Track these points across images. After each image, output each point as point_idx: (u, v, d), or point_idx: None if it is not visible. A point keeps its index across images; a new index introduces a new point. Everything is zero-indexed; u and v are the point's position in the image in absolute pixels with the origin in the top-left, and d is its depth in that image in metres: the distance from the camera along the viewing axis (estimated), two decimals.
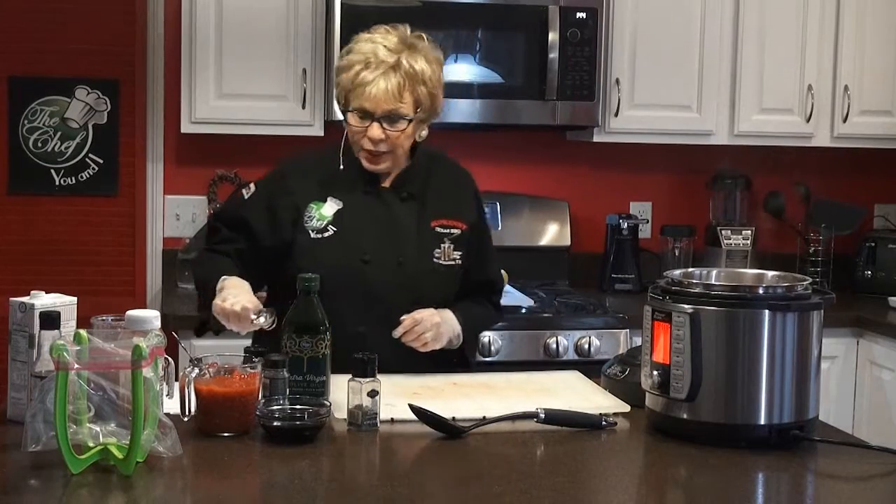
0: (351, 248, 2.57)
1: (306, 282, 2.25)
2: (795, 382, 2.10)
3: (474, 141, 4.27)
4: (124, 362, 1.86)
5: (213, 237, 2.68)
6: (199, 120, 3.83)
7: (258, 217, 2.61)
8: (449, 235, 2.66)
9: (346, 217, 2.60)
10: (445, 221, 2.67)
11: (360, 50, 2.58)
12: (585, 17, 3.87)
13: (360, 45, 2.59)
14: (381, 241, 2.60)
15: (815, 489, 2.02)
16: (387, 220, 2.63)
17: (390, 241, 2.61)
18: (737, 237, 4.22)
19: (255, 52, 3.81)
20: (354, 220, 2.60)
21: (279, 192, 2.63)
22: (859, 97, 4.17)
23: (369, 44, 2.58)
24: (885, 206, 4.58)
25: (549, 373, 2.67)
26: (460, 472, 1.99)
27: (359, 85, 2.54)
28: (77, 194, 4.09)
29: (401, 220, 2.63)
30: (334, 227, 2.59)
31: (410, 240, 2.62)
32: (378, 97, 2.52)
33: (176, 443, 1.91)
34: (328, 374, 2.24)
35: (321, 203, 2.61)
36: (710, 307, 2.09)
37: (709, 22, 4.05)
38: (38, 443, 1.87)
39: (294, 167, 2.70)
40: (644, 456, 2.15)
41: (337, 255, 2.56)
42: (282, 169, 2.71)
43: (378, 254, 2.58)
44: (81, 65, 4.05)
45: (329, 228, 2.59)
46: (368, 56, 2.55)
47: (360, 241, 2.58)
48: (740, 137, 4.14)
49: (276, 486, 1.86)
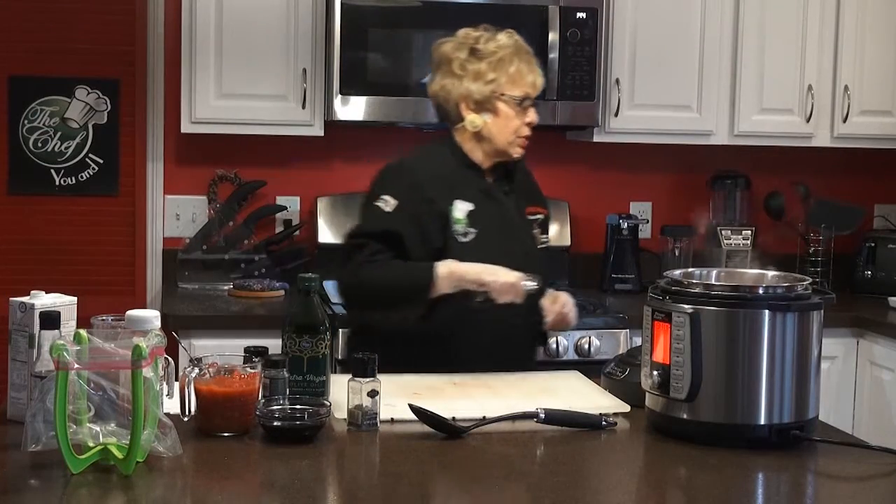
0: (492, 247, 2.68)
1: (306, 282, 2.25)
2: (795, 382, 2.10)
3: None
4: (124, 362, 1.86)
5: (360, 253, 2.65)
6: (199, 120, 3.83)
7: (407, 229, 2.65)
8: (536, 221, 2.84)
9: (477, 217, 2.70)
10: (532, 209, 2.86)
11: (502, 44, 2.74)
12: (585, 17, 3.87)
13: (498, 39, 2.75)
14: (507, 236, 2.74)
15: (815, 489, 2.02)
16: (503, 214, 2.77)
17: (512, 233, 2.76)
18: (737, 237, 4.22)
19: (255, 52, 3.81)
20: (483, 219, 2.70)
21: (420, 201, 2.67)
22: (859, 97, 4.17)
23: (505, 37, 2.76)
24: (885, 206, 4.58)
25: (549, 373, 2.67)
26: (460, 472, 1.99)
27: (518, 73, 2.71)
28: (77, 194, 4.09)
29: (511, 212, 2.79)
30: (472, 228, 2.69)
31: (522, 229, 2.79)
32: (536, 83, 2.74)
33: (176, 443, 1.91)
34: (328, 374, 2.25)
35: (455, 206, 2.69)
36: (710, 307, 2.09)
37: (709, 22, 4.05)
38: (38, 443, 1.87)
39: (424, 173, 2.74)
40: (644, 456, 2.15)
41: (484, 256, 2.64)
42: (413, 177, 2.73)
43: (511, 247, 2.71)
44: (81, 65, 4.05)
45: (469, 231, 2.68)
46: (517, 47, 2.74)
47: (495, 238, 2.70)
48: (740, 137, 4.14)
49: (276, 486, 1.86)
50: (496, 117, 2.72)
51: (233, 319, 3.59)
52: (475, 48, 2.74)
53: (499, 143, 2.74)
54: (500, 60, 2.72)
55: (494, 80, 2.71)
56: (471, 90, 2.72)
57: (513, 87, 2.72)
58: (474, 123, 2.73)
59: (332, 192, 4.17)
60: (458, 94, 2.73)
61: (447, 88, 2.75)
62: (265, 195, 4.17)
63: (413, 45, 3.88)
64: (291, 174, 4.20)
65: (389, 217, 2.65)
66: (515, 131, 2.73)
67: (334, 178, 4.22)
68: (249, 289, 3.88)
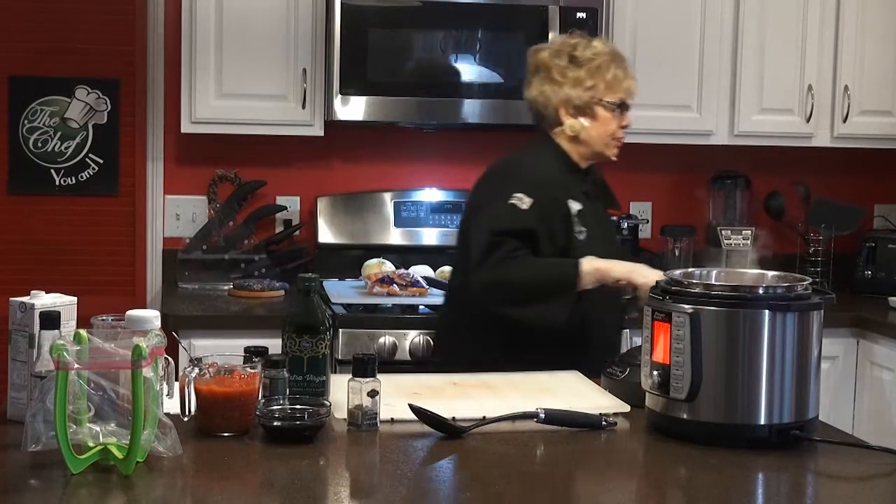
0: (603, 245, 2.79)
1: (306, 282, 2.25)
2: (795, 382, 2.10)
3: (475, 141, 4.27)
4: (124, 362, 1.86)
5: (497, 250, 2.68)
6: (199, 120, 3.83)
7: (540, 227, 2.72)
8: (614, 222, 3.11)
9: (586, 217, 2.79)
10: (610, 210, 3.09)
11: (599, 51, 2.84)
12: (585, 17, 3.87)
13: (595, 46, 2.85)
14: (605, 235, 2.88)
15: (815, 489, 2.02)
16: (600, 214, 2.92)
17: (608, 233, 2.97)
18: (737, 237, 4.22)
19: (255, 52, 3.81)
20: (589, 218, 2.81)
21: (549, 201, 2.74)
22: (859, 97, 4.17)
23: (601, 44, 2.87)
24: (885, 206, 4.58)
25: (549, 373, 2.67)
26: (460, 472, 1.99)
27: (615, 79, 2.83)
28: (77, 194, 4.09)
29: (603, 213, 2.99)
30: (584, 227, 2.77)
31: (612, 230, 2.98)
32: (631, 88, 2.87)
33: (176, 443, 1.91)
34: (328, 374, 2.25)
35: (571, 206, 2.79)
36: (710, 307, 2.09)
37: (709, 22, 4.06)
38: (38, 443, 1.87)
39: (545, 173, 2.81)
40: (644, 456, 2.15)
41: (599, 254, 2.71)
42: (538, 176, 2.79)
43: (608, 247, 2.81)
44: (81, 65, 4.05)
45: (583, 230, 2.77)
46: (613, 54, 2.86)
47: (598, 237, 2.80)
48: (740, 137, 4.14)
49: (276, 486, 1.86)
50: (594, 122, 2.84)
51: (233, 319, 3.59)
52: (574, 55, 2.84)
53: (596, 147, 2.86)
54: (598, 67, 2.82)
55: (593, 86, 2.82)
56: (570, 96, 2.82)
57: (611, 92, 2.83)
58: (573, 128, 2.83)
59: (332, 192, 4.18)
60: (557, 100, 2.83)
61: (546, 94, 2.85)
62: (265, 195, 4.17)
63: (413, 45, 3.89)
64: (291, 174, 4.20)
65: (525, 215, 2.70)
66: (612, 135, 2.86)
67: (334, 178, 4.22)
68: (249, 289, 3.88)
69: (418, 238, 4.18)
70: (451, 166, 4.29)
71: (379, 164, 4.26)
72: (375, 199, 4.18)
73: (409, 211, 4.18)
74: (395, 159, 4.27)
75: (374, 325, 3.55)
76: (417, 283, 3.71)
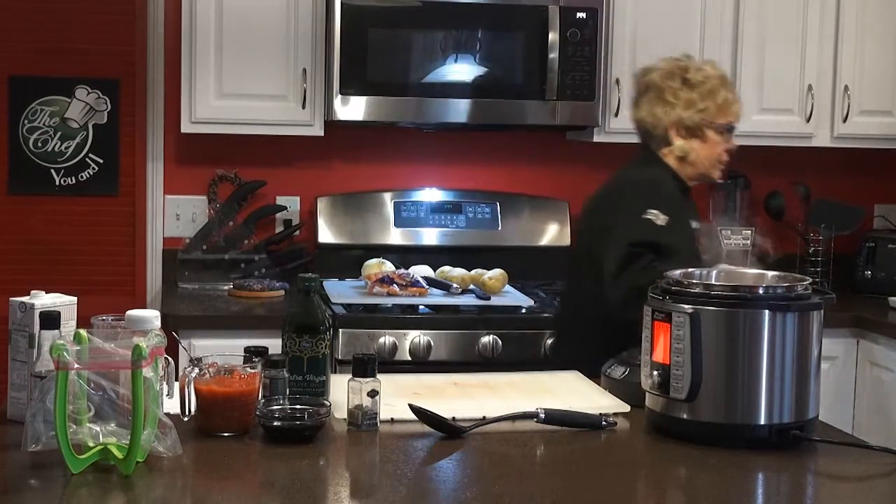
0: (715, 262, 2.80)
1: (306, 282, 2.25)
2: (795, 382, 2.10)
3: (474, 141, 4.27)
4: (124, 362, 1.86)
5: (637, 262, 2.73)
6: (199, 120, 3.83)
7: (672, 244, 2.76)
8: None
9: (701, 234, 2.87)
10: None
11: (710, 74, 2.94)
12: (585, 17, 3.87)
13: (705, 69, 2.96)
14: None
15: (815, 489, 2.02)
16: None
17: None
18: (737, 237, 4.22)
19: (255, 52, 3.81)
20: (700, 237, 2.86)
21: (680, 219, 2.81)
22: (859, 97, 4.17)
23: (711, 68, 2.97)
24: (885, 206, 4.57)
25: (549, 373, 2.67)
26: (460, 472, 2.00)
27: (725, 103, 2.93)
28: (77, 194, 4.09)
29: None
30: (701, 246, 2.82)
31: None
32: (739, 112, 2.99)
33: (176, 443, 1.91)
34: (328, 374, 2.25)
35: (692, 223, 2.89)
36: (710, 307, 2.09)
37: (709, 22, 4.05)
38: (38, 443, 1.87)
39: (671, 191, 2.90)
40: (644, 456, 2.15)
41: None
42: (667, 194, 2.88)
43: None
44: (81, 65, 4.05)
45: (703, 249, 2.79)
46: (723, 78, 2.97)
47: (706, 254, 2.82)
48: (740, 137, 4.10)
49: (276, 486, 1.86)
50: (703, 143, 2.94)
51: (233, 319, 3.59)
52: (686, 77, 2.93)
53: (703, 168, 2.97)
54: (711, 90, 2.92)
55: (705, 108, 2.92)
56: (682, 117, 2.91)
57: (721, 115, 2.93)
58: (683, 149, 2.94)
59: (332, 192, 4.18)
60: (668, 121, 2.91)
61: (657, 115, 2.94)
62: (265, 195, 4.17)
63: (413, 45, 3.89)
64: (291, 174, 4.20)
65: (661, 231, 2.77)
66: (718, 157, 2.97)
67: (334, 178, 4.22)
68: (249, 289, 3.88)
69: (418, 238, 4.18)
70: (450, 166, 4.29)
71: (379, 164, 4.26)
72: (375, 199, 4.18)
73: (409, 211, 4.18)
74: (394, 159, 4.27)
75: (374, 325, 3.55)
76: (417, 283, 3.71)
